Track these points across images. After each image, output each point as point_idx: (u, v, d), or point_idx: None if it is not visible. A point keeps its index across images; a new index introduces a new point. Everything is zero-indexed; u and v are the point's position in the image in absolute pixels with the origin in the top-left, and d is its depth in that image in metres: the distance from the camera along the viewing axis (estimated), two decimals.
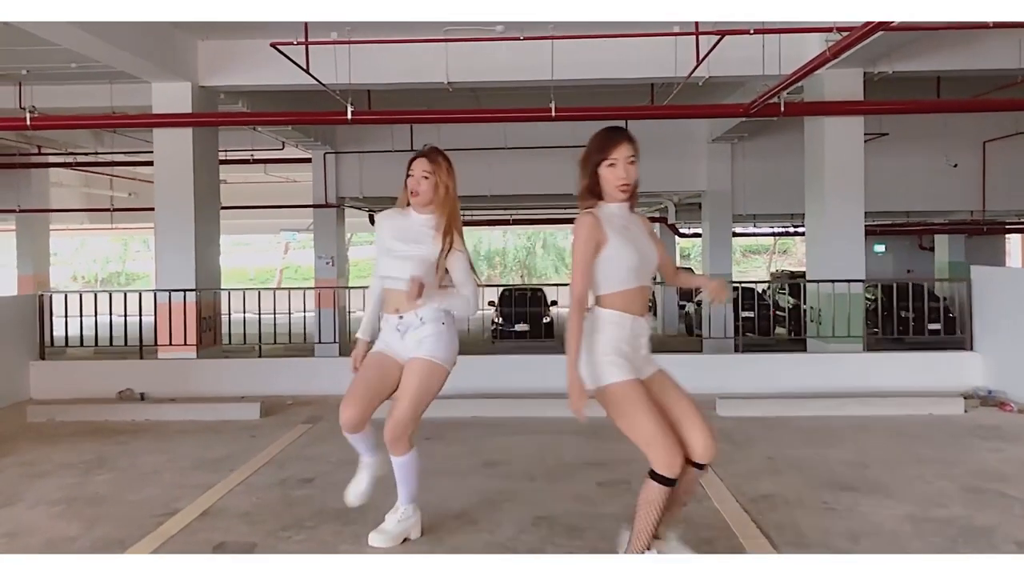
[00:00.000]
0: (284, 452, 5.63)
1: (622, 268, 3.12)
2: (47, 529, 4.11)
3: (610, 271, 3.13)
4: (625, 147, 3.15)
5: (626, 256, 3.12)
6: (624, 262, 3.12)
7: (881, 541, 3.78)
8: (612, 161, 3.14)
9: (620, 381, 3.05)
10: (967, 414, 6.60)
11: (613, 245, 3.11)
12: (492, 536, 3.91)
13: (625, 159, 3.14)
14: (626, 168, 3.14)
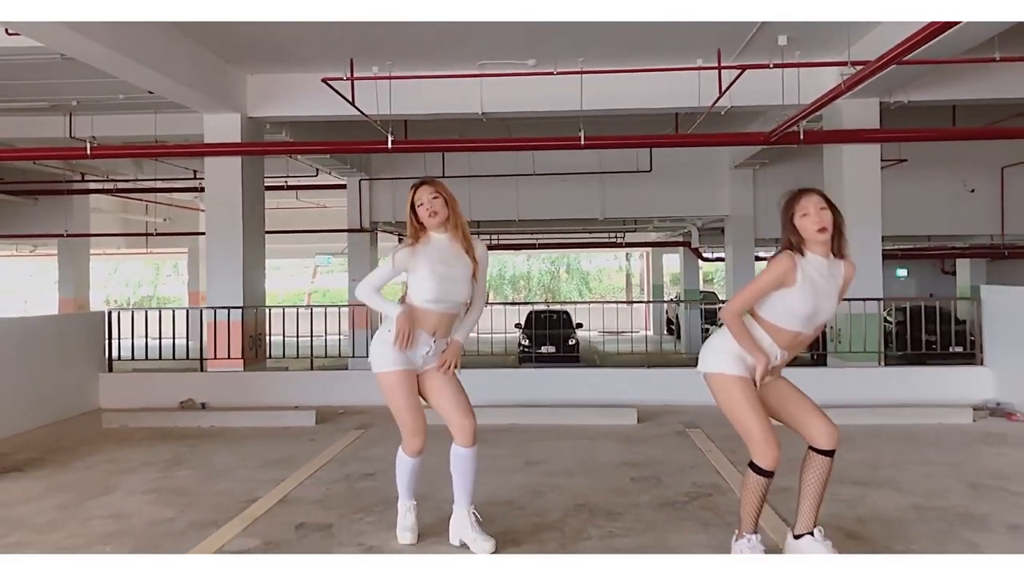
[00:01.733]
0: (343, 453, 6.16)
1: (793, 312, 3.44)
2: (146, 513, 4.66)
3: (781, 308, 3.45)
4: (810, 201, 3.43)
5: (802, 304, 3.41)
6: (798, 309, 3.42)
7: (886, 525, 4.24)
8: (804, 212, 3.42)
9: (734, 375, 3.49)
10: (975, 423, 7.02)
11: (798, 289, 3.40)
12: (540, 519, 4.41)
13: (817, 208, 3.42)
14: (819, 214, 3.41)
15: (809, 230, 3.42)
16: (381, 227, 19.99)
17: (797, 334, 3.52)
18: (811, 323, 3.50)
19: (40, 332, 7.89)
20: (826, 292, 3.46)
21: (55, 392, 7.79)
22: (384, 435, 6.81)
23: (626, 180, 17.39)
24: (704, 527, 4.23)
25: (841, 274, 3.53)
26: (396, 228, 21.40)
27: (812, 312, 3.45)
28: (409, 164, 17.67)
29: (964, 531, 4.12)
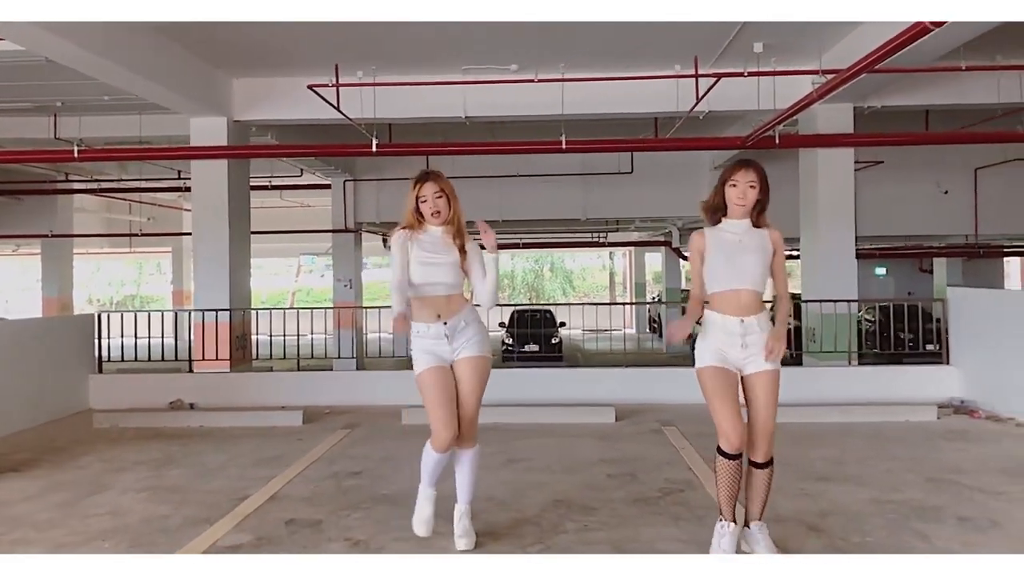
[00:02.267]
0: (330, 451, 6.36)
1: (718, 271, 3.79)
2: (141, 510, 4.85)
3: (709, 276, 3.83)
4: (740, 173, 3.81)
5: (719, 261, 3.78)
6: (719, 267, 3.78)
7: (844, 518, 4.49)
8: (734, 183, 3.81)
9: (704, 366, 3.80)
10: (940, 421, 7.29)
11: (713, 252, 3.80)
12: (519, 515, 4.63)
13: (745, 184, 3.79)
14: (745, 190, 3.78)
15: (730, 199, 3.82)
16: (366, 228, 20.16)
17: (735, 292, 3.78)
18: (739, 278, 3.77)
19: (31, 334, 8.05)
20: (745, 248, 3.79)
21: (46, 393, 7.94)
22: (370, 435, 7.02)
23: (608, 181, 17.65)
24: (675, 521, 4.46)
25: (769, 241, 3.84)
26: (380, 229, 21.56)
27: (732, 267, 3.77)
28: (393, 166, 17.83)
29: (916, 523, 4.38)
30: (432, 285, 4.01)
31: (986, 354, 7.87)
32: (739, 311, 3.78)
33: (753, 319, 3.78)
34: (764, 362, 3.77)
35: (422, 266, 4.00)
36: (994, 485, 5.13)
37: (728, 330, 3.78)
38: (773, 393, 3.79)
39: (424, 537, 4.08)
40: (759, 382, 3.79)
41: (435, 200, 4.01)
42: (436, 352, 4.00)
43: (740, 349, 3.78)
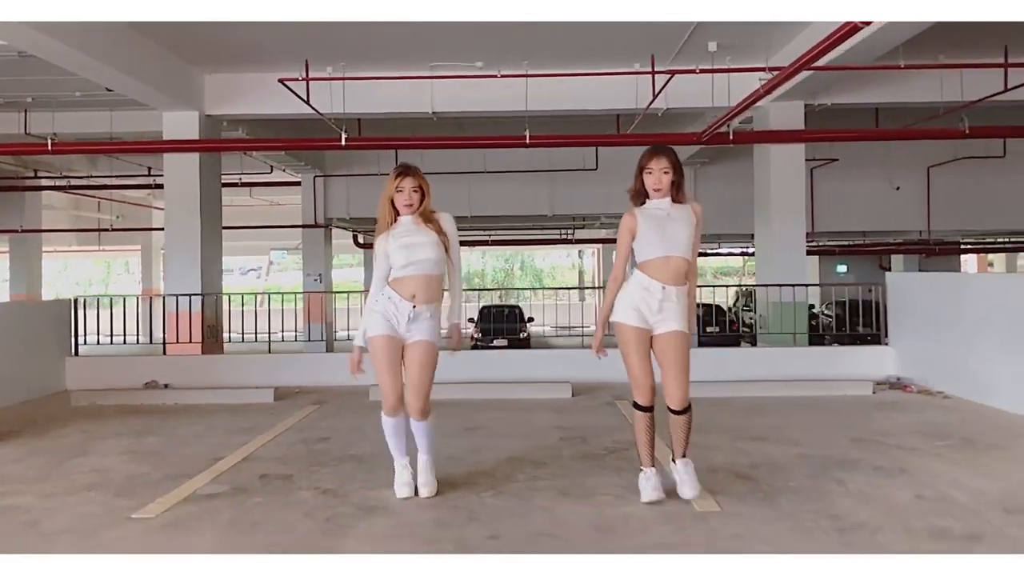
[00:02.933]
0: (300, 423, 6.72)
1: (650, 242, 4.20)
2: (124, 469, 5.18)
3: (642, 246, 4.24)
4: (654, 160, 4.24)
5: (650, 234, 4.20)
6: (651, 238, 4.20)
7: (771, 468, 4.93)
8: (649, 170, 4.25)
9: (622, 322, 4.25)
10: (875, 395, 7.79)
11: (642, 228, 4.22)
12: (476, 468, 5.03)
13: (659, 170, 4.22)
14: (659, 176, 4.22)
15: (648, 186, 4.26)
16: (335, 223, 20.45)
17: (666, 259, 4.20)
18: (671, 246, 4.20)
19: (8, 317, 8.32)
20: (674, 220, 4.23)
21: (23, 374, 8.21)
22: (337, 409, 7.38)
23: (574, 178, 18.10)
24: (617, 472, 4.87)
25: (692, 214, 4.28)
26: (350, 224, 21.86)
27: (664, 236, 4.20)
28: (362, 162, 18.18)
29: (836, 472, 4.83)
30: (414, 264, 4.38)
31: (920, 334, 8.39)
32: (666, 278, 4.20)
33: (673, 289, 4.21)
34: (675, 324, 4.21)
35: (403, 248, 4.39)
36: (910, 443, 5.61)
37: (651, 291, 4.21)
38: (682, 350, 4.23)
39: (403, 497, 4.40)
40: (671, 340, 4.22)
41: (411, 193, 4.41)
42: (391, 322, 4.40)
43: (655, 312, 4.21)
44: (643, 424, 4.25)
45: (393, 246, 4.41)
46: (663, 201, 4.28)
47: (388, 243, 4.43)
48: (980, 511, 4.03)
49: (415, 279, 4.39)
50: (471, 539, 3.73)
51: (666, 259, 4.21)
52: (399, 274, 4.42)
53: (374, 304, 4.45)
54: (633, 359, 4.21)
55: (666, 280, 4.20)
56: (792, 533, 3.73)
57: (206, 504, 4.36)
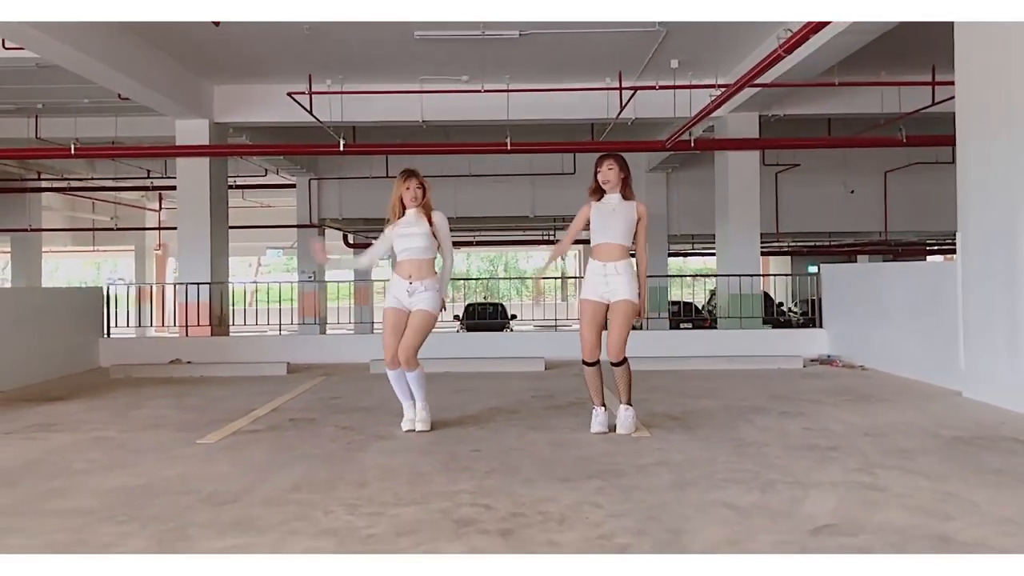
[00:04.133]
0: (314, 387, 7.93)
1: (595, 229, 5.45)
2: (176, 417, 6.37)
3: (593, 232, 5.48)
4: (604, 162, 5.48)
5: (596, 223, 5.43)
6: (596, 226, 5.43)
7: (699, 414, 6.17)
8: (599, 169, 5.50)
9: (581, 298, 5.50)
10: (805, 368, 9.08)
11: (593, 216, 5.45)
12: (462, 414, 6.26)
13: (606, 168, 5.47)
14: (605, 173, 5.46)
15: (599, 180, 5.49)
16: (328, 224, 21.62)
17: (606, 244, 5.43)
18: (608, 234, 5.42)
19: (47, 301, 9.48)
20: (616, 214, 5.43)
21: (62, 351, 9.37)
22: (345, 379, 8.58)
23: (553, 181, 19.33)
24: (575, 417, 6.09)
25: (635, 211, 5.49)
26: (342, 226, 23.02)
27: (604, 226, 5.43)
28: (354, 165, 19.36)
29: (748, 415, 6.09)
30: (409, 250, 5.63)
31: (848, 317, 9.69)
32: (607, 258, 5.44)
33: (613, 265, 5.43)
34: (622, 294, 5.41)
35: (401, 238, 5.64)
36: (817, 398, 6.89)
37: (598, 272, 5.46)
38: (625, 314, 5.41)
39: (406, 430, 5.60)
40: (616, 307, 5.44)
41: (416, 190, 5.66)
42: (399, 298, 5.64)
43: (604, 286, 5.44)
44: (590, 375, 5.50)
45: (395, 234, 5.66)
46: (614, 197, 5.50)
47: (393, 231, 5.67)
48: (846, 435, 5.28)
49: (410, 262, 5.63)
50: (458, 451, 4.94)
51: (606, 244, 5.46)
52: (400, 258, 5.67)
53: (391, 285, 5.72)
54: (584, 325, 5.47)
55: (606, 259, 5.44)
56: (700, 447, 4.97)
57: (251, 436, 5.56)
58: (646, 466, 4.49)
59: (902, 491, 3.89)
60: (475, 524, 3.46)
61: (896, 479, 4.12)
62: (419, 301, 5.60)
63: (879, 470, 4.31)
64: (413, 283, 5.60)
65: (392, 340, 5.59)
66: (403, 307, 5.63)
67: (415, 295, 5.60)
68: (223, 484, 4.20)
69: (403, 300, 5.62)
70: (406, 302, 5.62)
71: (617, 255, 5.45)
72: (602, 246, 5.47)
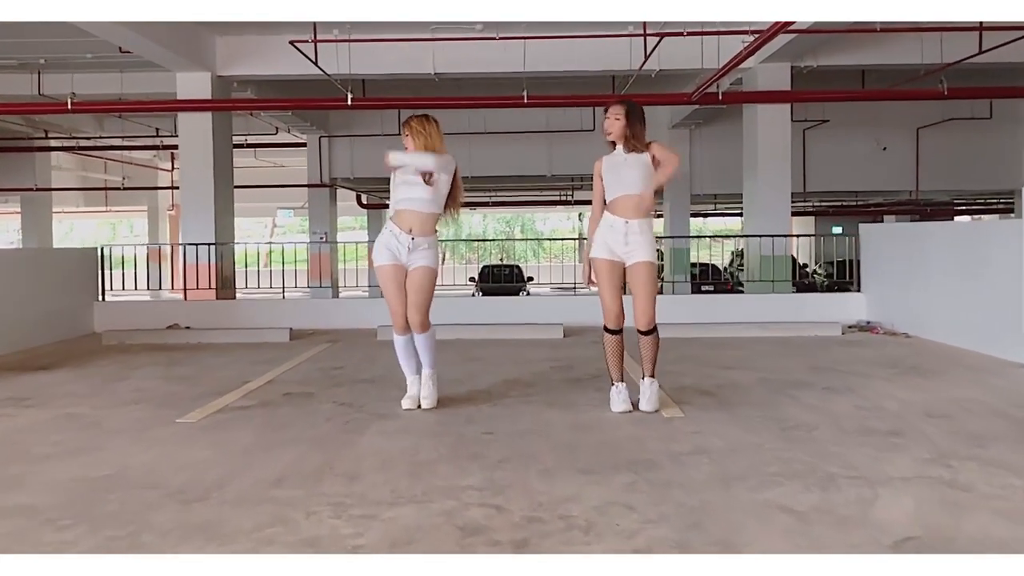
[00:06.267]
0: (316, 356, 7.39)
1: (611, 183, 4.84)
2: (162, 389, 5.85)
3: (608, 187, 4.88)
4: (609, 110, 4.87)
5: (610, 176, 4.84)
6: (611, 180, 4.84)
7: (734, 388, 5.58)
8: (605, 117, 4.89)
9: (596, 256, 4.89)
10: (843, 335, 8.45)
11: (606, 171, 4.87)
12: (474, 387, 5.70)
13: (613, 116, 4.83)
14: (611, 123, 4.83)
15: (604, 132, 4.90)
16: (340, 183, 21.01)
17: (626, 196, 4.82)
18: (626, 186, 4.81)
19: (38, 263, 8.96)
20: (629, 165, 4.83)
21: (54, 316, 8.87)
22: (350, 346, 8.04)
23: (571, 139, 18.57)
24: (596, 391, 5.50)
25: (648, 156, 4.85)
26: (354, 185, 22.41)
27: (618, 179, 4.84)
28: (366, 123, 18.69)
29: (790, 390, 5.49)
30: (410, 200, 5.01)
31: (889, 280, 9.03)
32: (625, 213, 4.82)
33: (635, 222, 4.81)
34: (641, 255, 4.81)
35: (403, 184, 5.04)
36: (862, 370, 6.27)
37: (616, 228, 4.84)
38: (647, 276, 4.82)
39: (407, 409, 5.02)
40: (637, 270, 4.84)
41: (414, 138, 5.04)
42: (394, 252, 5.01)
43: (623, 245, 4.82)
44: (612, 345, 4.89)
45: (397, 180, 5.05)
46: (620, 149, 4.89)
47: (395, 177, 5.07)
48: (904, 416, 4.68)
49: (411, 213, 5.01)
50: (468, 434, 4.38)
51: (623, 198, 4.83)
52: (399, 207, 5.05)
53: (380, 236, 5.09)
54: (604, 288, 4.86)
55: (626, 215, 4.82)
56: (741, 430, 4.38)
57: (240, 413, 5.03)
58: (681, 455, 3.91)
59: (989, 490, 3.30)
60: (483, 532, 2.90)
61: (978, 474, 3.52)
62: (420, 258, 5.04)
63: (954, 461, 3.71)
64: (416, 238, 5.02)
65: (398, 302, 5.02)
66: (399, 262, 5.04)
67: (417, 251, 5.03)
68: (196, 474, 3.66)
69: (400, 255, 5.03)
70: (403, 257, 5.03)
71: (637, 210, 4.83)
72: (619, 200, 4.87)
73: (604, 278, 4.86)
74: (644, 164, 4.86)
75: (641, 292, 4.83)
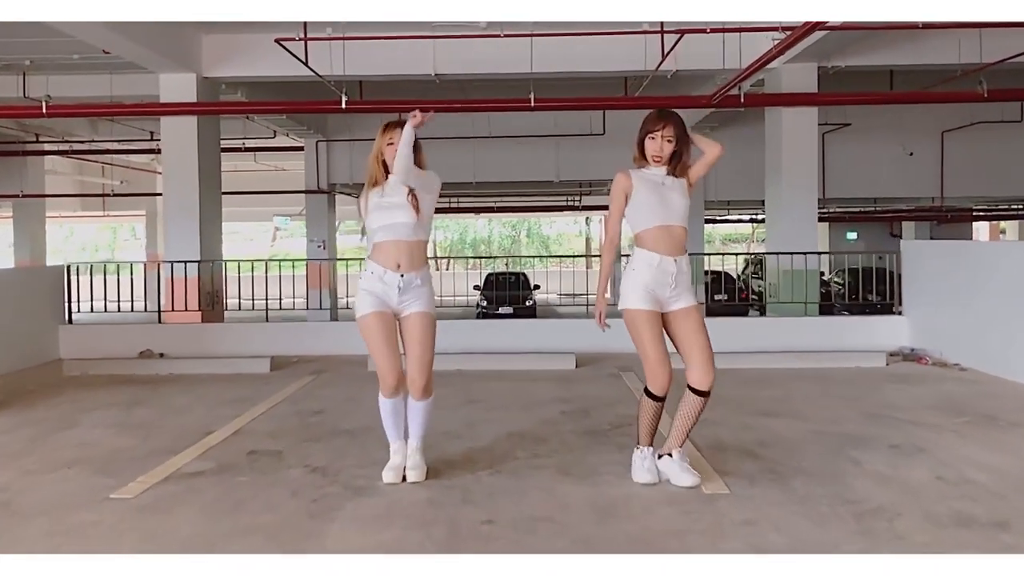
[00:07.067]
0: (296, 393, 6.53)
1: (647, 207, 3.91)
2: (109, 443, 5.00)
3: (638, 213, 3.95)
4: (657, 126, 3.93)
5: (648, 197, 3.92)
6: (648, 202, 3.91)
7: (782, 447, 4.71)
8: (653, 136, 3.94)
9: (635, 308, 3.92)
10: (888, 367, 7.56)
11: (638, 190, 3.93)
12: (473, 445, 4.83)
13: (663, 138, 3.92)
14: (662, 144, 3.92)
15: (648, 152, 3.96)
16: (339, 189, 20.17)
17: (667, 228, 3.93)
18: (667, 214, 3.93)
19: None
20: (671, 188, 3.95)
21: (15, 342, 8.01)
22: (335, 379, 7.20)
23: (580, 143, 17.74)
24: (620, 450, 4.64)
25: (685, 186, 4.02)
26: (354, 191, 21.56)
27: (660, 202, 3.93)
28: (366, 126, 17.81)
29: (850, 450, 4.61)
30: (392, 228, 4.06)
31: (936, 304, 8.14)
32: (672, 250, 3.92)
33: (684, 259, 3.95)
34: (689, 299, 3.96)
35: (378, 210, 4.09)
36: (927, 419, 5.39)
37: (663, 270, 3.91)
38: (702, 325, 3.96)
39: (389, 483, 4.09)
40: (687, 316, 3.95)
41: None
42: (383, 298, 4.08)
43: (670, 289, 3.93)
44: (651, 412, 3.99)
45: (372, 203, 4.11)
46: (661, 170, 3.99)
47: (368, 200, 4.13)
48: (1005, 495, 3.81)
49: (395, 245, 4.07)
50: (464, 522, 3.52)
51: (668, 228, 3.94)
52: (377, 239, 4.11)
53: (360, 282, 4.18)
54: (649, 348, 3.90)
55: (674, 252, 3.93)
56: (806, 519, 3.51)
57: (189, 482, 4.17)
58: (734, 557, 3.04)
59: None
60: None
61: None
62: (415, 300, 4.10)
63: None
64: (407, 275, 4.07)
65: (389, 357, 4.04)
66: (390, 309, 4.10)
67: (410, 290, 4.08)
68: None
69: (389, 299, 4.08)
70: (394, 302, 4.08)
71: (682, 245, 3.97)
72: (661, 232, 3.94)
73: (648, 334, 3.90)
74: (685, 191, 4.01)
75: (699, 340, 3.94)
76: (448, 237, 48.17)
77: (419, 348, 4.09)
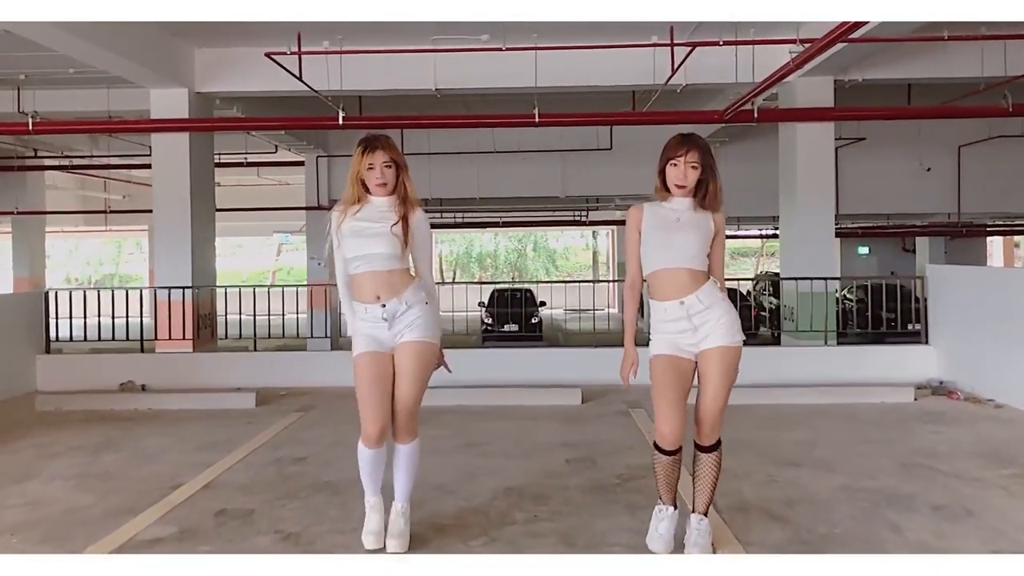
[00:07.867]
0: (279, 436, 6.06)
1: (652, 247, 3.50)
2: (64, 500, 4.53)
3: (645, 254, 3.54)
4: (680, 151, 3.47)
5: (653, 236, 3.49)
6: (653, 242, 3.49)
7: (813, 506, 4.22)
8: (675, 163, 3.48)
9: (653, 354, 3.50)
10: (916, 402, 7.05)
11: (648, 227, 3.51)
12: (467, 503, 4.34)
13: (687, 164, 3.46)
14: (686, 171, 3.47)
15: (670, 180, 3.50)
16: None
17: (669, 272, 3.47)
18: (669, 256, 3.47)
19: None
20: (683, 226, 3.48)
21: None
22: (323, 417, 6.73)
23: (587, 158, 17.32)
24: (631, 511, 4.16)
25: (712, 221, 3.54)
26: None
27: (663, 243, 3.48)
28: None
29: (889, 512, 4.11)
30: (367, 258, 3.59)
31: (966, 333, 7.63)
32: (677, 292, 3.45)
33: (693, 296, 3.44)
34: (719, 338, 3.44)
35: (354, 237, 3.61)
36: (969, 471, 4.88)
37: (673, 317, 3.47)
38: (728, 368, 3.46)
39: (371, 549, 3.65)
40: (707, 359, 3.47)
41: (383, 170, 3.61)
42: (374, 335, 3.63)
43: (692, 333, 3.46)
44: (667, 468, 3.53)
45: (345, 229, 3.64)
46: (683, 201, 3.52)
47: (342, 224, 3.66)
48: None
49: (372, 276, 3.61)
50: None
51: (670, 272, 3.47)
52: (352, 271, 3.65)
53: (352, 321, 3.71)
54: (660, 402, 3.45)
55: (677, 294, 3.45)
56: None
57: (143, 554, 3.69)
58: None
59: None
60: None
61: None
62: (408, 328, 3.61)
63: None
64: (388, 304, 3.59)
65: (373, 406, 3.58)
66: (385, 349, 3.63)
67: (399, 320, 3.60)
68: None
69: (382, 336, 3.61)
70: (387, 337, 3.61)
71: (693, 284, 3.46)
72: (665, 275, 3.47)
73: (664, 388, 3.44)
74: (704, 229, 3.50)
75: (711, 389, 3.46)
76: (454, 251, 47.75)
77: (404, 382, 3.61)
